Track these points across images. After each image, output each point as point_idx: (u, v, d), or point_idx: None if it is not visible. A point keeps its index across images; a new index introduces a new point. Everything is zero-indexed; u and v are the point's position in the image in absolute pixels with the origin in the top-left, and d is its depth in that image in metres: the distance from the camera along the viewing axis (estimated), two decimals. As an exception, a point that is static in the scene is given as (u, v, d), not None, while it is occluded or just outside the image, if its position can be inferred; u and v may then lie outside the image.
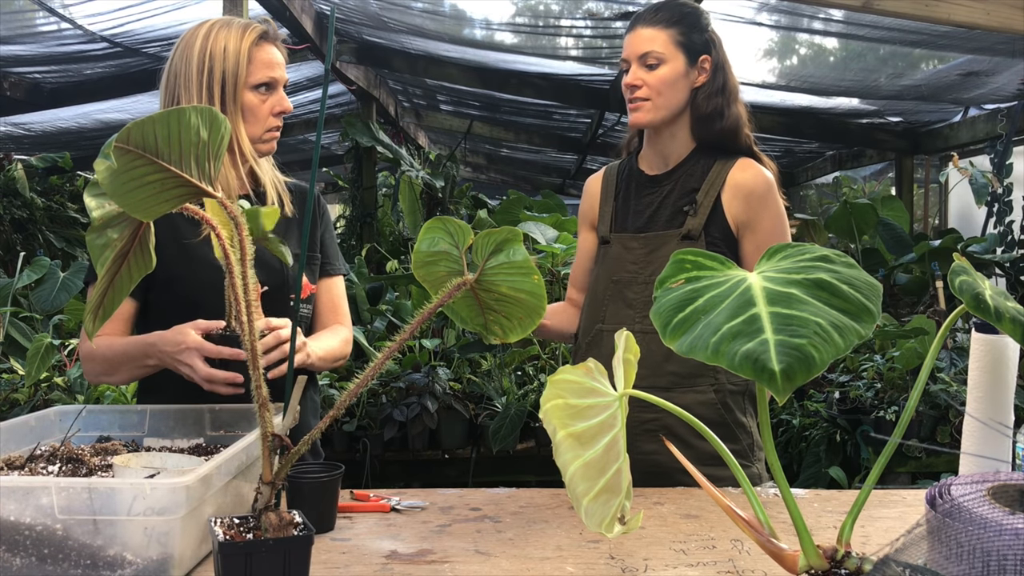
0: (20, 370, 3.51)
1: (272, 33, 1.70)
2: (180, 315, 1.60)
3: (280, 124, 1.71)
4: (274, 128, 1.70)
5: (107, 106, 6.47)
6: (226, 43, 1.63)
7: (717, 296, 0.94)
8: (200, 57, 1.62)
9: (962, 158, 6.07)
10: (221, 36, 1.63)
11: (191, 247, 1.65)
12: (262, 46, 1.66)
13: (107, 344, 1.64)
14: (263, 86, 1.66)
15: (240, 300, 1.04)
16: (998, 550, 0.77)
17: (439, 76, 6.23)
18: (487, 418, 3.77)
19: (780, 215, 1.77)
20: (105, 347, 1.64)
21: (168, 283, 1.64)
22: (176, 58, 1.65)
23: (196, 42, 1.64)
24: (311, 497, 1.30)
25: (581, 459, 0.96)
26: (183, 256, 1.65)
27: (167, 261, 1.58)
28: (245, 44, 1.63)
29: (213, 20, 1.67)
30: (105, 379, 1.69)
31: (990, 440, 1.32)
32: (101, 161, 0.94)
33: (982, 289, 1.01)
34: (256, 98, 1.66)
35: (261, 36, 1.67)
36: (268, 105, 1.67)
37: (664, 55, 1.75)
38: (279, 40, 1.71)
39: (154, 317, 1.68)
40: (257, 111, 1.66)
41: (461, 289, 1.19)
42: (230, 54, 1.62)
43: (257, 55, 1.65)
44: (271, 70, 1.67)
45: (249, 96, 1.65)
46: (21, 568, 1.05)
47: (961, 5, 3.39)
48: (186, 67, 1.63)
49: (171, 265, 1.61)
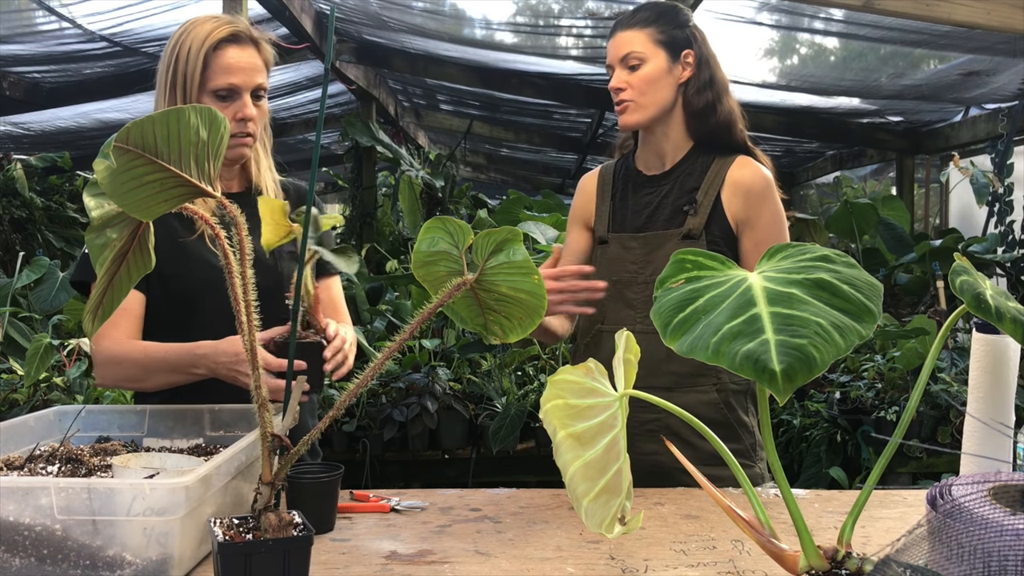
0: (19, 370, 3.50)
1: (243, 35, 1.63)
2: (178, 313, 1.60)
3: (247, 130, 1.64)
4: (239, 134, 1.64)
5: (106, 106, 6.47)
6: (191, 44, 1.59)
7: (717, 296, 0.94)
8: (169, 57, 1.60)
9: (963, 158, 6.07)
10: (189, 36, 1.60)
11: (186, 245, 1.64)
12: (224, 51, 1.60)
13: (140, 349, 1.60)
14: (223, 91, 1.61)
15: (240, 300, 1.04)
16: (999, 551, 0.76)
17: (439, 76, 6.23)
18: (487, 418, 3.77)
19: (779, 212, 1.77)
20: (139, 352, 1.59)
21: (165, 282, 1.63)
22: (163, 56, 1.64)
23: (173, 39, 1.62)
24: (311, 497, 1.30)
25: (581, 459, 0.96)
26: (179, 255, 1.65)
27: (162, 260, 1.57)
28: (204, 48, 1.59)
29: (196, 17, 1.64)
30: (129, 384, 1.65)
31: (991, 440, 1.32)
32: (100, 161, 0.94)
33: (983, 289, 1.01)
34: (214, 104, 1.60)
35: (226, 39, 1.61)
36: (228, 113, 1.61)
37: (644, 54, 1.76)
38: (258, 41, 1.65)
39: (151, 314, 1.66)
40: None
41: (461, 289, 1.19)
42: (191, 57, 1.59)
43: (216, 60, 1.60)
44: (231, 76, 1.60)
45: (208, 101, 1.60)
46: (20, 568, 1.05)
47: (962, 5, 3.39)
48: (163, 65, 1.62)
49: (167, 264, 1.60)
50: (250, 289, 1.04)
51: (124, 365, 1.61)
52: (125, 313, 1.60)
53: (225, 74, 1.60)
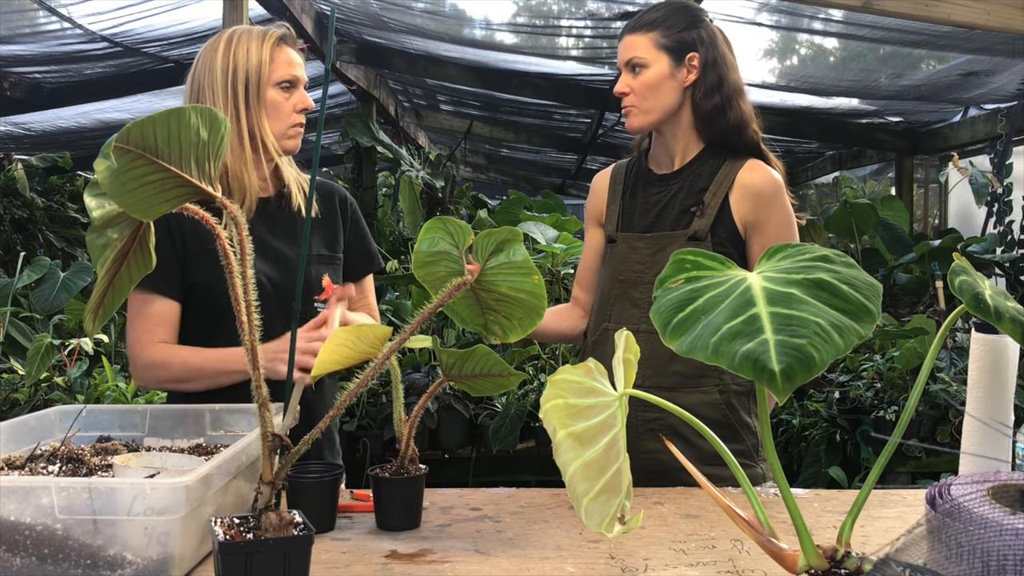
0: (20, 370, 3.51)
1: (290, 37, 1.78)
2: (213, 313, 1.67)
3: (303, 121, 1.77)
4: (297, 124, 1.76)
5: (107, 106, 6.47)
6: (248, 46, 1.71)
7: (717, 296, 0.94)
8: (224, 62, 1.69)
9: (962, 158, 6.07)
10: (243, 41, 1.71)
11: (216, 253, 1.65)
12: (282, 47, 1.74)
13: (191, 352, 1.68)
14: (286, 83, 1.73)
15: (240, 300, 1.04)
16: (998, 550, 0.77)
17: (439, 76, 6.23)
18: (487, 418, 3.77)
19: (788, 216, 1.77)
20: (191, 354, 1.67)
21: (203, 286, 1.69)
22: (199, 68, 1.72)
23: (219, 49, 1.71)
24: (311, 497, 1.30)
25: (581, 459, 0.96)
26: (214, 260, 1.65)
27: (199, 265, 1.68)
28: (267, 45, 1.72)
29: (232, 29, 1.75)
30: (175, 386, 1.71)
31: (990, 440, 1.32)
32: (101, 161, 0.94)
33: (982, 289, 1.01)
34: (279, 95, 1.72)
35: (280, 39, 1.75)
36: (291, 102, 1.73)
37: (646, 59, 1.76)
38: (296, 43, 1.79)
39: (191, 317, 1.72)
40: (281, 108, 1.72)
41: (461, 289, 1.19)
42: (252, 55, 1.70)
43: (278, 55, 1.73)
44: (292, 68, 1.74)
45: (273, 93, 1.71)
46: (21, 568, 1.05)
47: (961, 5, 3.39)
48: (210, 74, 1.70)
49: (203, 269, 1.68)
50: (250, 289, 1.04)
51: (174, 367, 1.67)
52: (163, 321, 1.69)
53: (288, 66, 1.74)
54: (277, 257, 1.72)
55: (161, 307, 1.68)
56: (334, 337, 1.32)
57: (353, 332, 1.30)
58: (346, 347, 1.31)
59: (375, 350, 1.31)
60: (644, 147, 1.92)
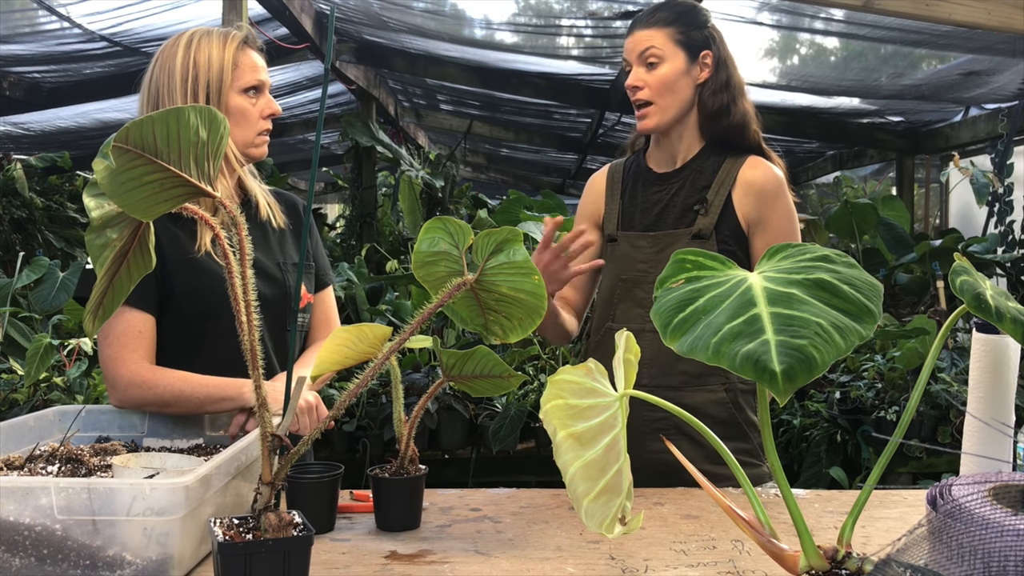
0: (19, 370, 3.50)
1: (251, 39, 1.70)
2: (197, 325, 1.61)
3: (270, 127, 1.70)
4: (264, 131, 1.69)
5: (106, 105, 6.47)
6: (209, 51, 1.63)
7: (718, 296, 0.94)
8: (183, 66, 1.61)
9: (963, 158, 6.07)
10: (203, 45, 1.63)
11: (198, 262, 1.62)
12: (245, 51, 1.67)
13: (178, 377, 1.56)
14: (252, 89, 1.66)
15: (240, 300, 1.04)
16: (1000, 551, 0.76)
17: (439, 76, 6.23)
18: (487, 418, 3.77)
19: (791, 212, 1.77)
20: (176, 380, 1.56)
21: (181, 300, 1.61)
22: (156, 71, 1.64)
23: (178, 53, 1.62)
24: (311, 497, 1.30)
25: (581, 459, 0.96)
26: (194, 270, 1.62)
27: (178, 278, 1.59)
28: (229, 50, 1.64)
29: (192, 30, 1.66)
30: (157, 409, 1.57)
31: (991, 440, 1.32)
32: (100, 161, 0.93)
33: (983, 289, 1.01)
34: (246, 101, 1.65)
35: (243, 42, 1.67)
36: (258, 108, 1.67)
37: (663, 53, 1.75)
38: (258, 46, 1.72)
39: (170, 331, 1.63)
40: (248, 114, 1.66)
41: (461, 289, 1.19)
42: (214, 61, 1.62)
43: (242, 59, 1.65)
44: (257, 73, 1.67)
45: (238, 100, 1.64)
46: (20, 568, 1.05)
47: (962, 5, 3.39)
48: (169, 78, 1.62)
49: (182, 281, 1.60)
50: (250, 289, 1.04)
51: (158, 389, 1.55)
52: (140, 336, 1.58)
53: (253, 71, 1.66)
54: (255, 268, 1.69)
55: (137, 321, 1.57)
56: (334, 337, 1.32)
57: (353, 332, 1.30)
58: (346, 347, 1.31)
59: (375, 350, 1.31)
60: (639, 146, 1.92)
